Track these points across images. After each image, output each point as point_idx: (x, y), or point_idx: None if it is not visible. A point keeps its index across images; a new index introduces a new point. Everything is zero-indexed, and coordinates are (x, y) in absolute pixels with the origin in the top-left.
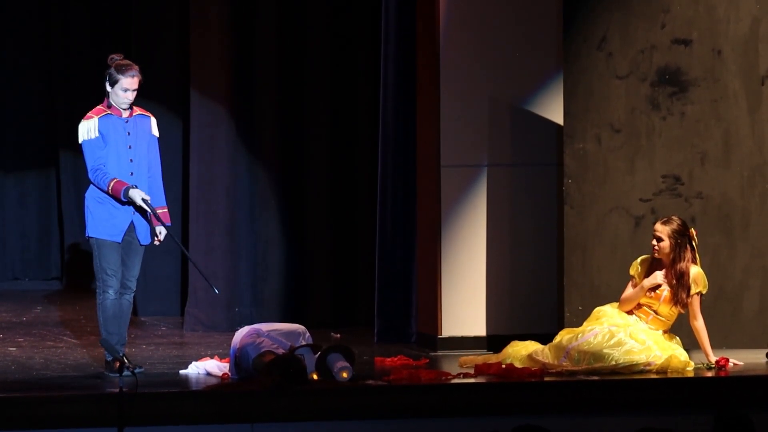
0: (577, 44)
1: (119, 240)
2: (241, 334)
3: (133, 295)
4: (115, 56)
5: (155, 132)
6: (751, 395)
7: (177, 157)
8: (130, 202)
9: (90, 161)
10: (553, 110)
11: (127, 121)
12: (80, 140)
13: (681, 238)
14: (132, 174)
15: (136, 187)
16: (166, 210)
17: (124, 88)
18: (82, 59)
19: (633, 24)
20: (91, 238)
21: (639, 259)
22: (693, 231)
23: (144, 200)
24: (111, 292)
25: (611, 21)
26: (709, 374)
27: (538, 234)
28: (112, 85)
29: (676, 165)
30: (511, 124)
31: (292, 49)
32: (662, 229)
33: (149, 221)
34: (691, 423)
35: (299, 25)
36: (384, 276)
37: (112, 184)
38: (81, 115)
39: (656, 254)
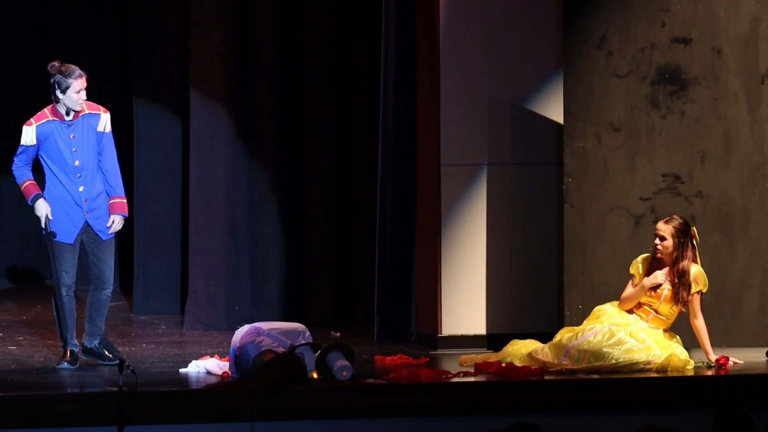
0: (577, 43)
1: (71, 241)
2: (241, 332)
3: (111, 288)
4: (55, 63)
5: (104, 128)
6: (751, 394)
7: (177, 157)
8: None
9: (17, 157)
10: (553, 109)
11: (70, 125)
12: (21, 141)
13: (683, 236)
14: (80, 176)
15: (45, 199)
16: (124, 200)
17: (77, 90)
18: (81, 59)
19: (633, 23)
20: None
21: (639, 258)
22: (694, 229)
23: (47, 216)
24: (63, 290)
25: (611, 20)
26: (709, 373)
27: (538, 233)
28: (64, 91)
29: (676, 164)
30: (511, 123)
31: (292, 48)
32: (665, 228)
33: (46, 236)
34: (691, 422)
35: (299, 25)
36: (384, 275)
37: (26, 183)
38: None
39: (659, 253)
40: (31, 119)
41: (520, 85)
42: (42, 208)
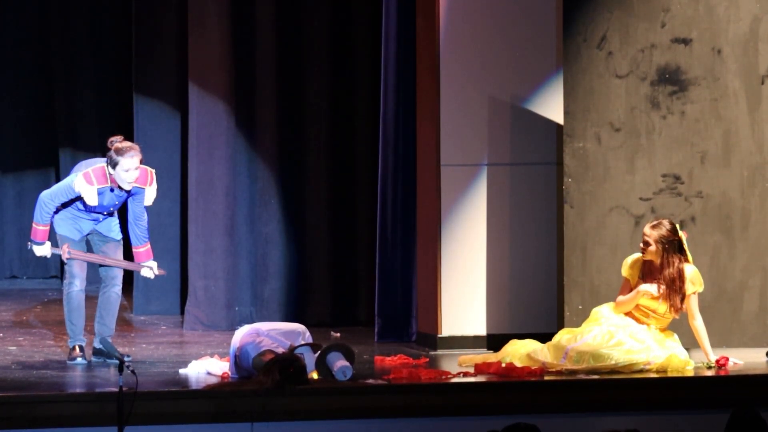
0: (577, 43)
1: (76, 239)
2: (241, 333)
3: (120, 286)
4: (115, 138)
5: (148, 202)
6: (751, 394)
7: (176, 157)
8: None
9: (53, 197)
10: (553, 109)
11: (121, 191)
12: (73, 186)
13: (669, 243)
14: (101, 218)
15: (48, 246)
16: (149, 247)
17: (126, 169)
18: (82, 58)
19: (633, 23)
20: (57, 234)
21: (629, 260)
22: (683, 234)
23: (48, 252)
24: (77, 282)
25: (611, 20)
26: (709, 373)
27: (538, 233)
28: (114, 167)
29: (676, 164)
30: (511, 123)
31: (292, 48)
32: (650, 234)
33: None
34: (691, 422)
35: (299, 25)
36: (384, 276)
37: (45, 228)
38: (81, 114)
39: (646, 256)
40: (92, 176)
41: (520, 85)
42: (45, 250)
